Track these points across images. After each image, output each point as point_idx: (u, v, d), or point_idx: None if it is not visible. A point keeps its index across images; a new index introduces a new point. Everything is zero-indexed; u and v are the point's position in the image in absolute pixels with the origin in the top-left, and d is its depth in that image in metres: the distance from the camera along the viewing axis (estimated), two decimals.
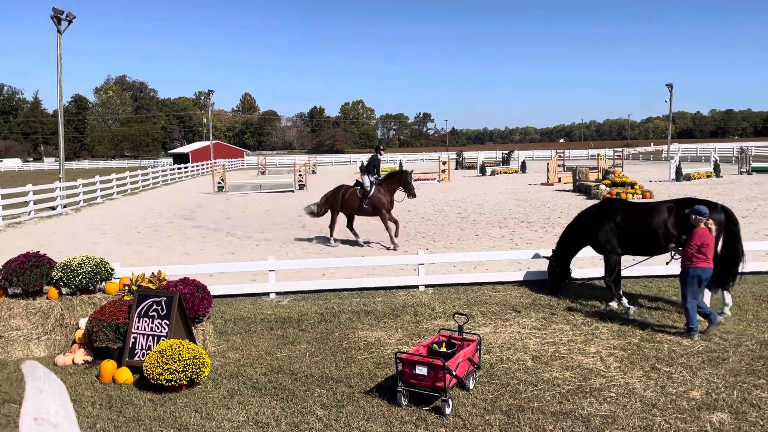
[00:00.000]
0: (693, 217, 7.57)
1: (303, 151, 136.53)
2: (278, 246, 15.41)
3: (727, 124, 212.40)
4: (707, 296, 8.37)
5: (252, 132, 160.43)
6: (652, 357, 6.86)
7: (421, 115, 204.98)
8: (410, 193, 14.78)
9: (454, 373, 5.73)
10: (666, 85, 43.31)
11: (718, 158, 38.65)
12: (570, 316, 8.51)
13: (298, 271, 11.21)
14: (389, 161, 67.17)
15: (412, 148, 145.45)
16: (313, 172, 52.94)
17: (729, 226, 8.46)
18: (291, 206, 25.07)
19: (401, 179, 14.84)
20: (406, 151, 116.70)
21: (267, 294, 10.19)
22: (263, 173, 52.96)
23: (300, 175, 34.47)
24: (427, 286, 10.44)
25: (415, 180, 38.07)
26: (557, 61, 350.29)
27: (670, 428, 5.21)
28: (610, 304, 8.93)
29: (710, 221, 7.63)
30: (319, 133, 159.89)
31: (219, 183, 33.86)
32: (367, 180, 14.80)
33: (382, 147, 16.41)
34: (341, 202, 14.96)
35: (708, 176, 35.34)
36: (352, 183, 15.92)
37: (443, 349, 6.13)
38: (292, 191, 33.11)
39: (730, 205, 21.21)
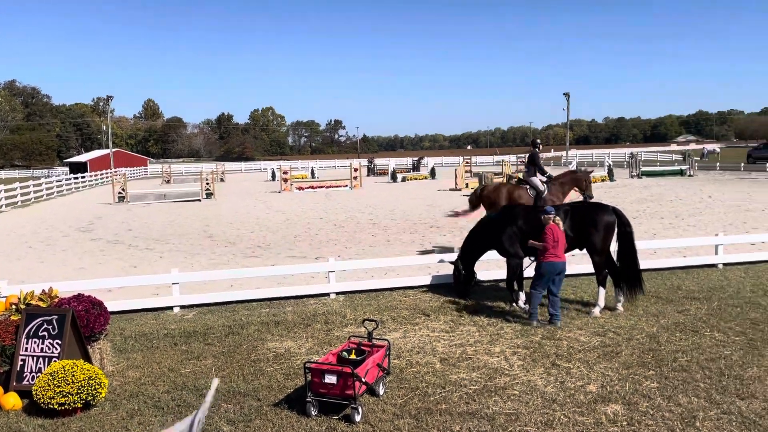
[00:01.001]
0: (542, 216, 8.39)
1: (211, 159, 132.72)
2: (183, 257, 14.88)
3: (619, 130, 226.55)
4: (601, 293, 8.87)
5: (156, 139, 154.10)
6: (553, 354, 7.16)
7: (333, 122, 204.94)
8: (589, 194, 13.86)
9: (363, 380, 5.73)
10: (563, 94, 45.92)
11: (611, 163, 41.14)
12: (477, 318, 8.74)
13: (205, 283, 10.86)
14: (300, 168, 66.69)
15: (324, 155, 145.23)
16: (222, 180, 51.57)
17: (621, 226, 8.99)
18: (197, 216, 24.31)
19: (580, 179, 13.95)
20: (318, 158, 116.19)
21: (171, 308, 9.79)
22: (168, 182, 50.99)
23: (207, 183, 33.47)
24: (338, 293, 10.40)
25: (327, 187, 38.20)
26: (465, 70, 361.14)
27: (569, 422, 5.45)
28: (514, 304, 9.25)
29: (557, 218, 8.37)
30: (228, 141, 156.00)
31: (120, 193, 32.27)
32: (537, 180, 13.49)
33: (539, 141, 14.84)
34: (509, 202, 13.13)
35: (603, 180, 37.48)
36: (264, 190, 15.60)
37: (353, 357, 6.11)
38: (199, 200, 32.11)
39: (623, 207, 22.55)
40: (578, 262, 11.09)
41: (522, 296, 9.34)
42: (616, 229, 8.98)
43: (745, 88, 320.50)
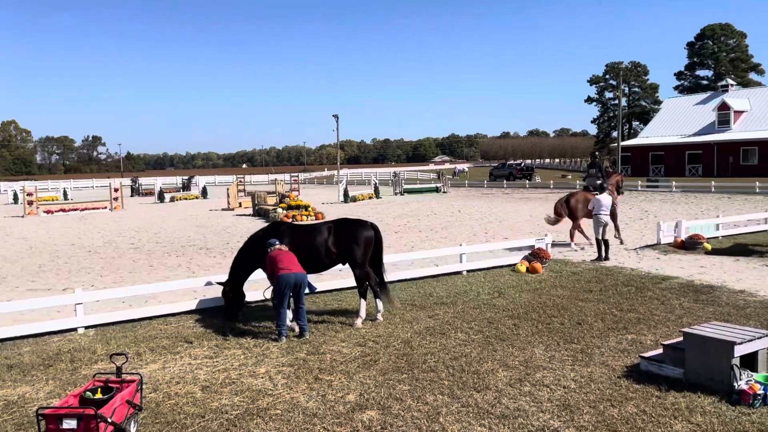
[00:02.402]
0: (268, 249, 8.91)
1: None
2: None
3: (386, 151, 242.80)
4: (362, 305, 9.33)
5: None
6: (316, 368, 7.32)
7: (90, 138, 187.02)
8: (621, 191, 18.14)
9: (109, 420, 5.23)
10: (333, 115, 47.74)
11: (377, 182, 43.83)
12: (243, 340, 8.58)
13: None
14: (51, 189, 59.68)
15: (81, 174, 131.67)
16: None
17: (377, 242, 9.58)
18: None
19: (619, 181, 17.97)
20: (72, 177, 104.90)
21: None
22: None
23: None
24: (87, 327, 9.42)
25: (82, 209, 34.62)
26: (239, 88, 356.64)
27: None
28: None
29: (283, 246, 8.94)
30: None
31: None
32: (606, 185, 16.01)
33: (597, 153, 16.44)
34: (585, 208, 15.75)
35: (370, 197, 39.76)
36: (4, 214, 13.59)
37: (98, 396, 5.56)
38: None
39: (386, 222, 24.26)
40: (343, 276, 11.57)
41: (289, 314, 9.40)
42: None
43: (488, 114, 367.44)
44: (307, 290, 8.78)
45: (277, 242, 8.98)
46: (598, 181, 16.52)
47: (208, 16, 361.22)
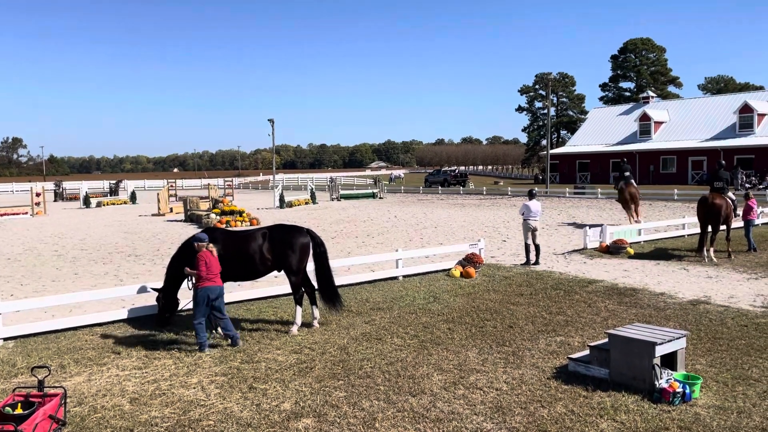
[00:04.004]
0: (195, 244, 8.50)
1: None
2: None
3: (322, 156, 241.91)
4: (298, 311, 9.25)
5: None
6: (251, 377, 7.20)
7: (10, 140, 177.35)
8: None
9: None
10: (268, 120, 47.07)
11: (314, 187, 43.60)
12: (174, 350, 8.34)
13: None
14: None
15: (0, 178, 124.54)
16: None
17: (315, 247, 9.51)
18: None
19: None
20: None
21: None
22: None
23: None
24: (6, 339, 8.92)
25: (1, 215, 32.75)
26: (170, 91, 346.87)
27: None
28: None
29: (211, 245, 8.56)
30: None
31: None
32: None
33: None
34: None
35: (306, 203, 39.48)
36: None
37: (19, 411, 5.28)
38: None
39: (323, 228, 24.16)
40: (279, 283, 11.44)
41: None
42: (311, 251, 9.48)
43: (424, 121, 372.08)
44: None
45: (206, 237, 8.60)
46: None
47: (139, 14, 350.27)
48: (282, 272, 9.59)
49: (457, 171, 67.38)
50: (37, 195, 34.94)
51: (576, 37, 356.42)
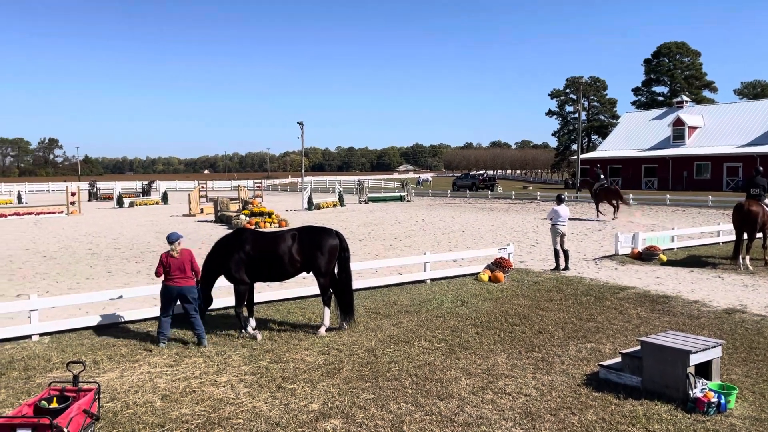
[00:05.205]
0: (170, 244, 8.73)
1: None
2: None
3: (350, 159, 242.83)
4: (326, 313, 9.28)
5: None
6: (279, 377, 7.25)
7: (47, 141, 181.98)
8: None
9: (65, 430, 5.08)
10: (297, 122, 47.44)
11: (341, 189, 43.80)
12: (204, 348, 8.45)
13: None
14: (4, 192, 57.96)
15: (37, 178, 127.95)
16: None
17: (341, 251, 9.52)
18: None
19: None
20: (28, 180, 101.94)
21: None
22: None
23: None
24: (42, 334, 9.14)
25: (37, 213, 33.57)
26: (202, 93, 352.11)
27: None
28: (243, 331, 9.16)
29: (175, 244, 8.71)
30: None
31: None
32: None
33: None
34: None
35: (334, 205, 39.66)
36: None
37: (54, 405, 5.40)
38: None
39: (350, 230, 24.24)
40: (307, 284, 11.51)
41: (252, 322, 9.31)
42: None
43: (452, 125, 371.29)
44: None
45: (180, 238, 8.80)
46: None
47: (172, 18, 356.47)
48: (310, 273, 9.65)
49: (485, 175, 66.96)
50: (73, 195, 35.74)
51: (608, 41, 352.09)
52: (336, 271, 9.53)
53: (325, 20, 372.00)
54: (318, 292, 9.93)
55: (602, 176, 30.83)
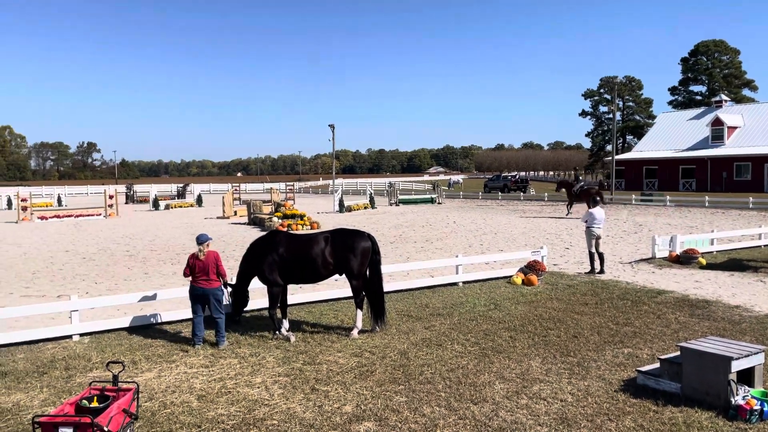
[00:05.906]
0: (198, 245, 8.86)
1: None
2: None
3: (380, 161, 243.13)
4: (359, 315, 9.30)
5: None
6: (313, 379, 7.29)
7: (85, 145, 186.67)
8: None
9: (106, 429, 5.19)
10: (329, 125, 47.70)
11: (372, 192, 43.87)
12: (238, 350, 8.55)
13: None
14: (45, 195, 59.57)
15: (76, 181, 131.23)
16: None
17: (373, 254, 9.53)
18: None
19: None
20: (67, 183, 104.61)
21: None
22: None
23: None
24: (83, 334, 9.37)
25: (77, 216, 34.45)
26: (234, 97, 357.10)
27: None
28: (277, 332, 9.24)
29: (204, 245, 8.84)
30: None
31: None
32: None
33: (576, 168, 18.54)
34: None
35: (365, 207, 39.74)
36: None
37: (94, 405, 5.52)
38: None
39: (382, 233, 24.25)
40: (339, 286, 11.56)
41: (285, 324, 9.39)
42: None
43: (483, 126, 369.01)
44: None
45: (209, 239, 8.94)
46: None
47: (205, 25, 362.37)
48: (342, 276, 9.69)
49: (517, 176, 66.27)
50: (110, 197, 36.56)
51: (643, 40, 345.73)
52: (367, 273, 9.55)
53: (357, 24, 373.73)
54: (350, 294, 9.97)
55: (581, 179, 35.21)
